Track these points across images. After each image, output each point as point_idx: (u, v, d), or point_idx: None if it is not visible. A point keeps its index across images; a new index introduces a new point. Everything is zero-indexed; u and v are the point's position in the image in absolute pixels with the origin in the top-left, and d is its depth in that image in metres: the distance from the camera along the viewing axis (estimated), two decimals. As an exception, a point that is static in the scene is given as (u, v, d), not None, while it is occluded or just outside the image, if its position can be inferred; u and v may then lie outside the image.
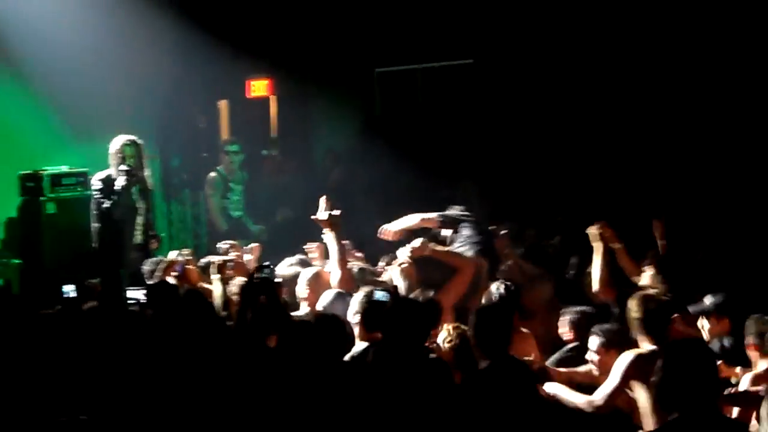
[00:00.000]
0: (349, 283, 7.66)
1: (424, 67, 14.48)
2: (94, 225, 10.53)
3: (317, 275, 7.88)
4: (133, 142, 10.44)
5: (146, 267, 8.90)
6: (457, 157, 13.38)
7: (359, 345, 6.48)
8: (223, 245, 9.43)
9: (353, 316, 6.63)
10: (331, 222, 7.97)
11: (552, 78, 12.86)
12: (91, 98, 13.58)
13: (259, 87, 15.53)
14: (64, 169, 12.53)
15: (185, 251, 9.31)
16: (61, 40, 13.02)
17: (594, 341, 6.55)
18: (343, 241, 8.11)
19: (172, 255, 9.01)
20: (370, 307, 6.59)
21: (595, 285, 7.67)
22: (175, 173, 14.42)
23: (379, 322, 6.25)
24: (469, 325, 6.13)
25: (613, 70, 12.32)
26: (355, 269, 8.10)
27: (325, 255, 8.57)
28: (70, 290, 7.93)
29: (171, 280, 8.27)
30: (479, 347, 5.98)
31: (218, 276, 7.82)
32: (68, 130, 13.34)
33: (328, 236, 7.99)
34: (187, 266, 8.38)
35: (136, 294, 7.04)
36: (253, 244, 9.46)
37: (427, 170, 12.97)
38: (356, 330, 6.56)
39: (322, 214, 8.03)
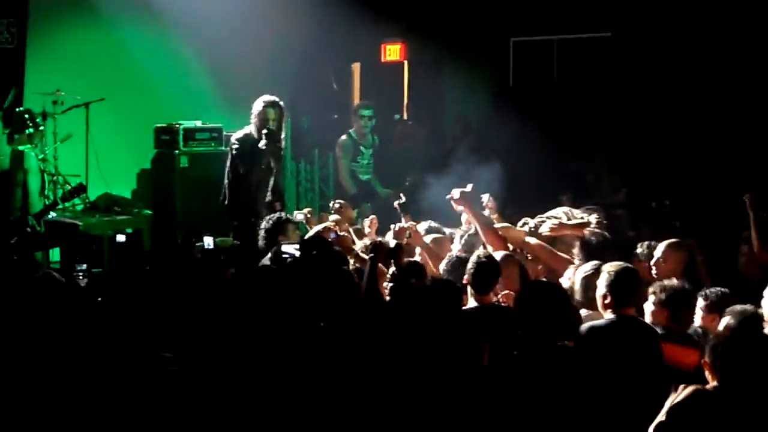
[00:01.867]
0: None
1: (560, 38, 14.28)
2: (228, 182, 10.52)
3: None
4: (275, 104, 10.40)
5: (264, 224, 8.88)
6: (590, 131, 13.20)
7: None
8: (336, 204, 9.40)
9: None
10: (464, 200, 7.94)
11: (691, 54, 12.58)
12: (227, 55, 13.78)
13: (393, 51, 15.54)
14: (198, 123, 12.73)
15: (306, 210, 9.35)
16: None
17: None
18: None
19: (298, 216, 9.00)
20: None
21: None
22: (305, 133, 14.53)
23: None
24: None
25: (757, 45, 12.00)
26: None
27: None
28: (209, 241, 8.01)
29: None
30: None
31: (396, 242, 7.73)
32: (204, 86, 13.54)
33: (466, 213, 7.99)
34: (341, 233, 8.24)
35: (289, 249, 6.93)
36: (371, 217, 9.38)
37: (559, 143, 12.84)
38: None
39: (454, 192, 8.00)
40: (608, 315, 6.05)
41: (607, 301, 6.07)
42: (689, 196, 10.97)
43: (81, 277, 7.89)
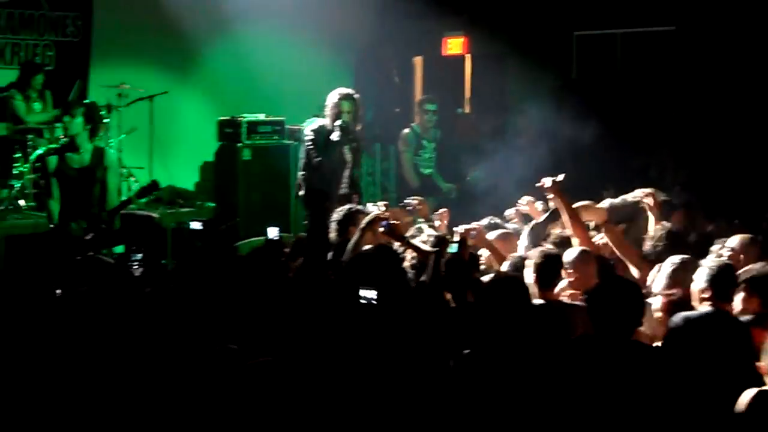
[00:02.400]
0: (589, 245, 7.56)
1: (624, 32, 14.18)
2: (301, 174, 10.52)
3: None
4: (350, 96, 10.37)
5: (335, 216, 8.85)
6: (654, 125, 13.10)
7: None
8: (411, 201, 9.37)
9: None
10: (556, 189, 7.88)
11: (756, 48, 12.44)
12: (289, 48, 13.84)
13: (454, 45, 15.50)
14: (262, 116, 12.79)
15: (381, 203, 9.26)
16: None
17: None
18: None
19: (371, 208, 8.91)
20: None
21: None
22: (367, 127, 14.53)
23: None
24: None
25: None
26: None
27: (524, 219, 8.54)
28: (273, 233, 8.01)
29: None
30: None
31: (460, 236, 7.64)
32: (267, 79, 13.59)
33: (556, 202, 7.90)
34: (393, 221, 8.14)
35: (367, 293, 6.65)
36: (441, 210, 9.33)
37: (622, 137, 12.75)
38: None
39: (546, 180, 7.95)
40: (704, 308, 6.02)
41: (705, 295, 6.05)
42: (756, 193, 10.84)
43: (136, 267, 7.92)
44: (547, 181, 7.91)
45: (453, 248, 7.23)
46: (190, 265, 7.23)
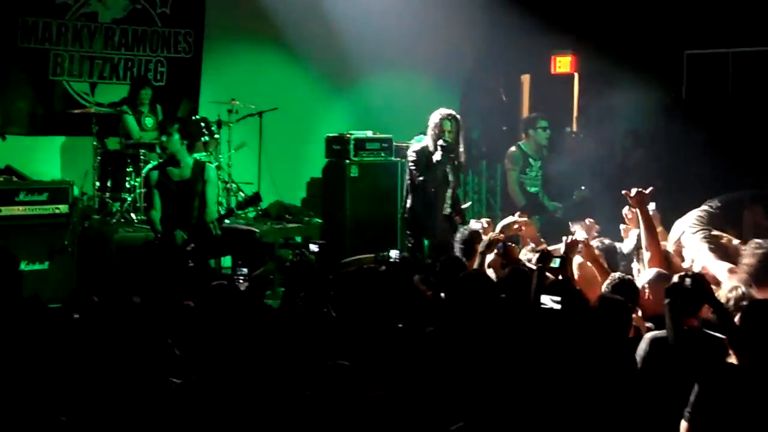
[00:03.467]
0: (662, 262, 7.48)
1: (735, 51, 13.97)
2: (406, 195, 10.65)
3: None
4: (452, 117, 10.46)
5: (459, 235, 8.93)
6: (766, 147, 12.87)
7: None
8: (519, 219, 9.35)
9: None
10: (639, 200, 7.84)
11: None
12: (397, 66, 13.90)
13: (563, 63, 15.41)
14: (369, 134, 12.88)
15: (483, 220, 9.29)
16: (371, 6, 13.37)
17: None
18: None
19: (474, 225, 8.99)
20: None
21: None
22: (473, 145, 14.53)
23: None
24: None
25: None
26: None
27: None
28: (395, 255, 8.07)
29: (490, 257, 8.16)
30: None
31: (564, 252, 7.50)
32: (374, 96, 13.68)
33: (638, 213, 7.85)
34: (509, 244, 8.08)
35: (548, 300, 6.61)
36: (588, 220, 9.22)
37: (733, 160, 12.55)
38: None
39: (631, 190, 7.92)
40: None
41: None
42: None
43: (241, 281, 8.03)
44: (632, 191, 7.89)
45: (556, 263, 7.21)
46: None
